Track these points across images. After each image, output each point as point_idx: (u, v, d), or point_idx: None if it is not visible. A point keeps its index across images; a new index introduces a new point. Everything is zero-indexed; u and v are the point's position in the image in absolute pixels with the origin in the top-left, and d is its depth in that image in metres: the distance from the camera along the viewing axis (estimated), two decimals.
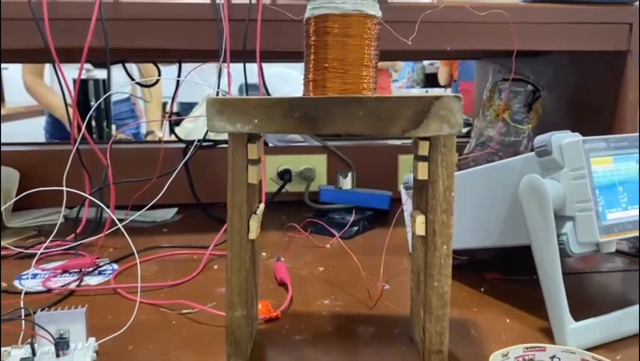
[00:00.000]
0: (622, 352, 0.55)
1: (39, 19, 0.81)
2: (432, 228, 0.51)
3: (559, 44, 0.94)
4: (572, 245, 0.56)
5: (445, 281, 0.52)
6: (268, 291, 0.72)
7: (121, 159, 1.03)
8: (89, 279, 0.76)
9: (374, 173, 1.19)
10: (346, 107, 0.45)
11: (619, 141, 0.58)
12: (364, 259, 0.79)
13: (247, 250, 0.52)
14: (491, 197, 0.66)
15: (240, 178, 0.50)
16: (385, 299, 0.69)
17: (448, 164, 0.49)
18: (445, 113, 0.45)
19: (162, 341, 0.58)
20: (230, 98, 0.45)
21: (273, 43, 0.86)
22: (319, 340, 0.59)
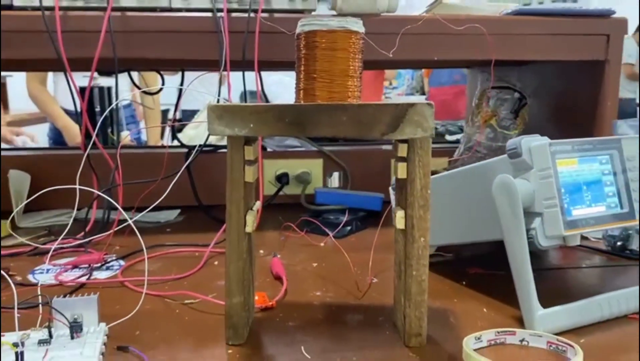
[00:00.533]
0: (586, 337, 0.61)
1: (52, 31, 0.87)
2: (411, 222, 0.56)
3: (540, 54, 1.00)
4: (540, 238, 0.61)
5: (423, 270, 0.57)
6: (265, 284, 0.77)
7: (127, 163, 1.08)
8: (97, 274, 0.82)
9: (367, 177, 1.25)
10: (331, 113, 0.50)
11: (583, 144, 0.63)
12: (356, 256, 0.85)
13: (244, 242, 0.57)
14: (470, 196, 0.71)
15: (238, 177, 0.56)
16: (373, 291, 0.75)
17: (424, 164, 0.55)
18: (418, 119, 0.50)
19: (166, 328, 0.64)
20: (229, 105, 0.51)
21: (269, 53, 0.92)
22: (310, 326, 0.64)
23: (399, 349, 0.58)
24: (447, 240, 0.77)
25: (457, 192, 0.74)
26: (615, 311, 0.65)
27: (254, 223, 0.59)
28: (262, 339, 0.61)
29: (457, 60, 1.17)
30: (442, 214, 0.77)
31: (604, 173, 0.64)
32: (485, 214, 0.68)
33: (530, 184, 0.61)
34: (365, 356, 0.57)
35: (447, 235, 0.77)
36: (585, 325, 0.63)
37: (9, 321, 0.60)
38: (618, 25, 1.01)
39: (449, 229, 0.76)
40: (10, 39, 0.89)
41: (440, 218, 0.77)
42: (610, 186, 0.64)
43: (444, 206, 0.76)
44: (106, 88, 2.15)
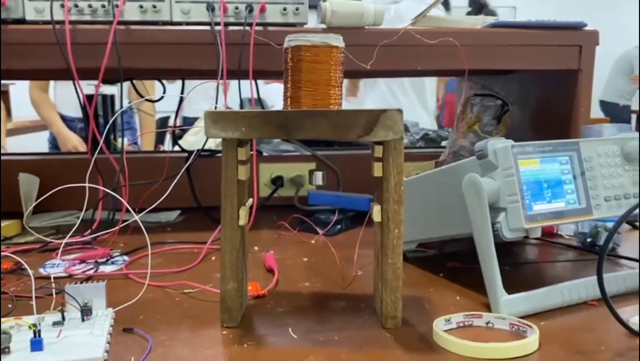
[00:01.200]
0: (546, 320, 0.67)
1: (62, 43, 0.94)
2: (386, 216, 0.63)
3: (516, 64, 1.07)
4: (504, 231, 0.68)
5: (397, 259, 0.64)
6: (258, 276, 0.84)
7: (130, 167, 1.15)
8: (103, 268, 0.88)
9: (359, 180, 1.31)
10: (313, 118, 0.57)
11: (544, 146, 0.70)
12: (344, 252, 0.91)
13: (237, 234, 0.64)
14: (445, 195, 0.78)
15: (231, 175, 0.62)
16: (357, 282, 0.81)
17: (398, 164, 0.61)
18: (390, 123, 0.57)
19: (167, 313, 0.70)
20: (223, 111, 0.58)
21: (263, 64, 0.99)
22: (298, 311, 0.71)
23: (376, 330, 0.65)
24: (425, 236, 0.84)
25: (433, 191, 0.81)
26: (575, 297, 0.71)
27: (247, 217, 0.65)
28: (254, 322, 0.68)
29: (440, 70, 1.24)
30: (420, 212, 0.84)
31: (564, 172, 0.71)
32: (458, 211, 0.75)
33: (496, 182, 0.68)
34: (346, 335, 0.63)
35: (425, 231, 0.83)
36: (548, 310, 0.70)
37: (27, 308, 0.67)
38: (589, 37, 1.08)
39: (426, 225, 0.83)
40: (23, 50, 0.96)
41: (418, 216, 0.84)
42: (569, 184, 0.71)
43: (421, 204, 0.83)
44: (109, 96, 2.23)
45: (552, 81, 1.21)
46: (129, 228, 1.13)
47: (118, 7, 0.96)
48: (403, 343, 0.61)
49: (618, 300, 0.73)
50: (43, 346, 0.57)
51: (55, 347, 0.58)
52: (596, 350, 0.60)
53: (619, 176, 0.73)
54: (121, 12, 0.96)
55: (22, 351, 0.57)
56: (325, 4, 1.00)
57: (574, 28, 1.08)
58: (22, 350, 0.57)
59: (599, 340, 0.62)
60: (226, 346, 0.61)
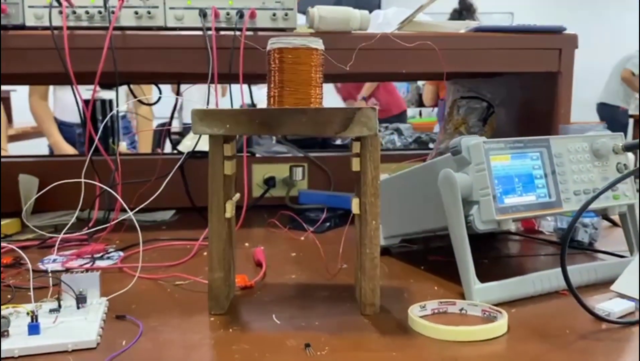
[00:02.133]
0: (517, 307, 0.71)
1: (60, 48, 0.98)
2: (364, 208, 0.67)
3: (497, 67, 1.11)
4: (477, 223, 0.71)
5: (374, 249, 0.67)
6: (247, 269, 0.88)
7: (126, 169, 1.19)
8: (99, 263, 0.92)
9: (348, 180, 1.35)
10: (293, 115, 0.61)
11: (515, 143, 0.74)
12: (331, 248, 0.95)
13: (224, 226, 0.68)
14: (423, 191, 0.82)
15: (218, 170, 0.66)
16: (342, 275, 0.85)
17: (374, 159, 0.65)
18: (365, 120, 0.61)
19: (159, 302, 0.74)
20: (209, 109, 0.62)
21: (253, 67, 1.03)
22: (283, 300, 0.74)
23: (355, 316, 0.68)
24: (406, 230, 0.88)
25: (413, 187, 0.85)
26: (547, 287, 0.75)
27: (233, 210, 0.69)
28: (240, 310, 0.71)
29: (425, 73, 1.28)
30: (402, 208, 0.87)
31: (534, 168, 0.75)
32: (435, 205, 0.79)
33: (469, 177, 0.72)
34: (327, 321, 0.67)
35: (406, 226, 0.87)
36: (520, 298, 0.73)
37: (25, 298, 0.70)
38: (569, 40, 1.12)
39: (407, 221, 0.87)
40: (23, 55, 1.00)
41: (400, 212, 0.88)
42: (540, 179, 0.75)
43: (402, 201, 0.87)
44: (108, 101, 2.27)
45: (535, 83, 1.25)
46: (125, 226, 1.17)
47: (114, 13, 1.00)
48: (380, 328, 0.65)
49: (589, 289, 0.77)
50: (40, 330, 0.61)
51: (52, 331, 0.62)
52: (561, 333, 0.64)
53: (588, 171, 0.77)
54: (117, 18, 1.01)
55: (20, 335, 0.61)
56: (313, 10, 1.04)
57: (554, 32, 1.12)
58: (20, 334, 0.61)
59: (565, 325, 0.66)
60: (212, 330, 0.65)
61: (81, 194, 1.07)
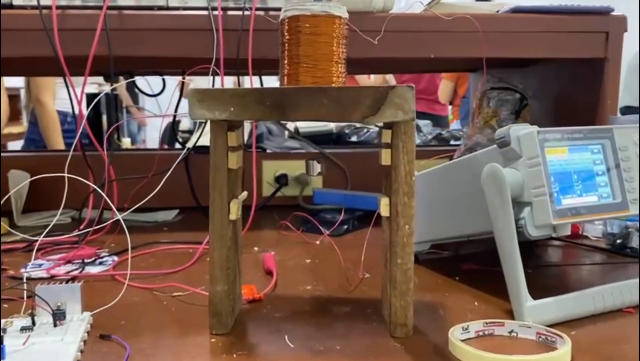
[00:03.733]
0: (577, 329, 0.59)
1: (49, 29, 0.88)
2: (395, 210, 0.55)
3: (537, 52, 0.99)
4: (529, 228, 0.60)
5: (408, 258, 0.56)
6: (255, 278, 0.77)
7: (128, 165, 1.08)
8: (90, 268, 0.82)
9: (367, 179, 1.24)
10: (311, 95, 0.50)
11: (573, 133, 0.62)
12: (350, 253, 0.84)
13: (227, 230, 0.57)
14: (461, 190, 0.70)
15: (221, 163, 0.55)
16: (364, 286, 0.74)
17: (408, 150, 0.54)
18: (399, 101, 0.50)
19: (152, 318, 0.63)
20: (209, 89, 0.51)
21: (264, 51, 0.92)
22: (297, 317, 0.63)
23: (383, 339, 0.57)
24: (439, 236, 0.76)
25: (448, 186, 0.74)
26: (609, 304, 0.63)
27: (238, 211, 0.58)
28: (247, 329, 0.60)
29: (455, 60, 1.16)
30: (434, 209, 0.76)
31: (596, 163, 0.63)
32: (476, 207, 0.67)
33: (519, 173, 0.61)
34: (350, 345, 0.56)
35: (439, 231, 0.76)
36: (578, 318, 0.62)
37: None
38: (617, 23, 1.00)
39: (440, 224, 0.75)
40: (9, 37, 0.90)
41: (432, 214, 0.76)
42: (602, 176, 0.63)
43: (435, 201, 0.76)
44: (113, 95, 2.18)
45: (575, 72, 1.13)
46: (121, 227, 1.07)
47: None
48: (414, 354, 0.54)
49: None
50: (4, 354, 0.50)
51: (19, 356, 0.51)
52: None
53: None
54: None
55: None
56: None
57: (600, 13, 1.00)
58: None
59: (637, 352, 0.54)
60: (213, 355, 0.54)
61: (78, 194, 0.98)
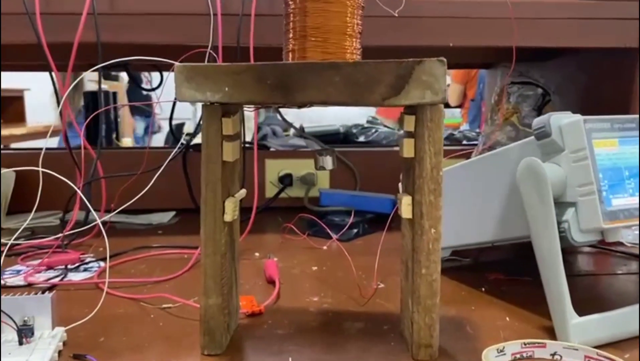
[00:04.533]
0: (630, 351, 0.51)
1: (31, 13, 0.80)
2: (419, 210, 0.47)
3: (567, 41, 0.91)
4: (574, 232, 0.51)
5: (434, 268, 0.48)
6: (255, 288, 0.69)
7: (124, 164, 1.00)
8: (73, 275, 0.74)
9: (377, 179, 1.16)
10: (321, 73, 0.42)
11: (625, 122, 0.54)
12: (361, 260, 0.76)
13: (222, 233, 0.49)
14: (489, 189, 0.62)
15: (214, 155, 0.47)
16: (378, 297, 0.65)
17: (435, 140, 0.46)
18: (427, 79, 0.41)
19: (137, 334, 0.55)
20: (200, 65, 0.43)
21: (267, 38, 0.84)
22: (302, 334, 0.55)
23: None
24: (464, 241, 0.68)
25: (474, 184, 0.65)
26: None
27: (235, 212, 0.50)
28: (244, 349, 0.52)
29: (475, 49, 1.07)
30: (458, 211, 0.68)
31: None
32: (509, 208, 0.59)
33: (562, 169, 0.52)
34: None
35: (464, 236, 0.67)
36: (628, 338, 0.53)
37: None
38: None
39: (466, 228, 0.67)
40: None
41: (455, 216, 0.68)
42: None
43: (460, 202, 0.67)
44: (111, 93, 2.10)
45: (602, 64, 1.05)
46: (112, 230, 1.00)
47: None
48: None
49: None
50: None
51: None
52: None
53: None
54: None
55: None
56: None
57: None
58: None
59: None
60: None
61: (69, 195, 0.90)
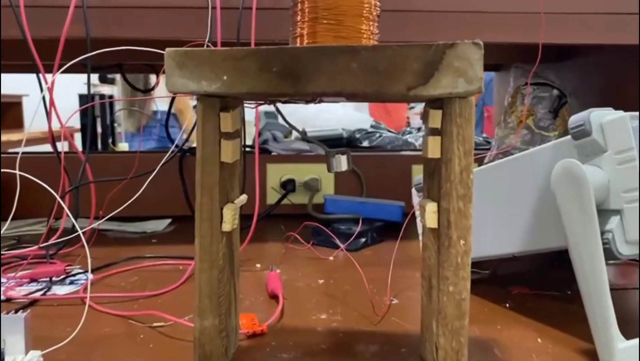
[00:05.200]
0: None
1: (15, 5, 0.74)
2: (447, 219, 0.41)
3: (592, 37, 0.85)
4: (619, 244, 0.45)
5: (463, 286, 0.42)
6: (256, 304, 0.62)
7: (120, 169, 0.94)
8: (58, 288, 0.68)
9: (385, 185, 1.11)
10: (336, 58, 0.36)
11: None
12: (371, 272, 0.69)
13: (219, 244, 0.43)
14: (516, 195, 0.56)
15: (211, 155, 0.41)
16: (393, 314, 0.59)
17: (465, 138, 0.40)
18: (460, 65, 0.35)
19: (123, 357, 0.49)
20: (194, 50, 0.37)
21: (270, 33, 0.78)
22: (310, 358, 0.49)
23: None
24: (486, 252, 0.62)
25: (498, 190, 0.59)
26: None
27: (235, 220, 0.44)
28: None
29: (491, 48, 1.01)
30: (480, 220, 0.61)
31: None
32: (540, 216, 0.53)
33: (604, 172, 0.46)
34: None
35: (487, 246, 0.61)
36: None
37: None
38: None
39: (489, 238, 0.61)
40: None
41: (477, 226, 0.61)
42: None
43: (481, 210, 0.61)
44: (108, 96, 2.05)
45: (626, 63, 0.99)
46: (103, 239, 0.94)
47: None
48: None
49: None
50: None
51: None
52: None
53: None
54: None
55: None
56: None
57: None
58: None
59: None
60: None
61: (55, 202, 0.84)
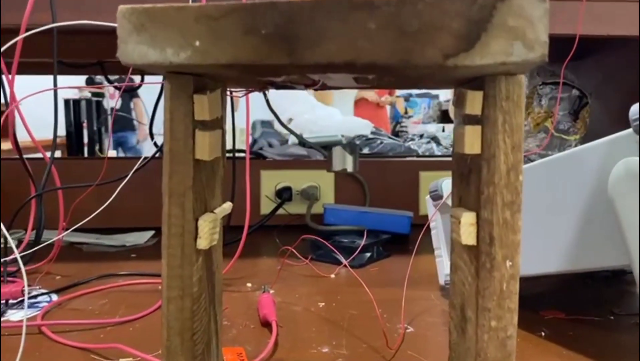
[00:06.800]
0: None
1: None
2: (488, 233, 0.31)
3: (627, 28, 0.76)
4: None
5: (509, 320, 0.32)
6: (245, 333, 0.52)
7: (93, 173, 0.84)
8: (12, 313, 0.58)
9: (390, 194, 1.02)
10: (347, 15, 0.27)
11: None
12: (379, 293, 0.60)
13: (193, 266, 0.33)
14: (559, 202, 0.46)
15: (182, 151, 0.32)
16: (409, 347, 0.49)
17: (514, 129, 0.30)
18: (517, 24, 0.26)
19: None
20: (157, 6, 0.28)
21: None
22: None
23: None
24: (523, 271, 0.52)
25: (532, 198, 0.50)
26: None
27: (215, 235, 0.34)
28: None
29: None
30: None
31: None
32: (589, 228, 0.43)
33: None
34: None
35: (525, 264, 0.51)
36: None
37: None
38: None
39: (524, 255, 0.51)
40: None
41: None
42: None
43: None
44: (95, 101, 1.95)
45: None
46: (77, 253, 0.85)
47: None
48: None
49: None
50: None
51: None
52: None
53: None
54: None
55: None
56: None
57: None
58: None
59: None
60: None
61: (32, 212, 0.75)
